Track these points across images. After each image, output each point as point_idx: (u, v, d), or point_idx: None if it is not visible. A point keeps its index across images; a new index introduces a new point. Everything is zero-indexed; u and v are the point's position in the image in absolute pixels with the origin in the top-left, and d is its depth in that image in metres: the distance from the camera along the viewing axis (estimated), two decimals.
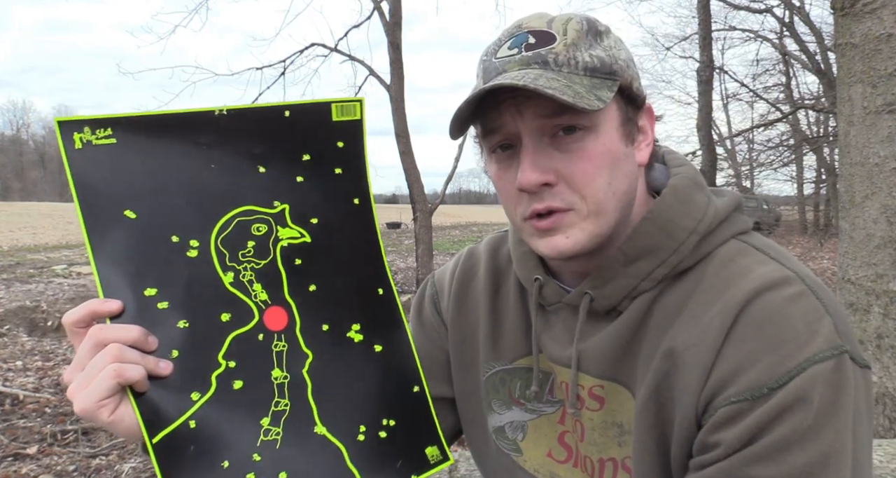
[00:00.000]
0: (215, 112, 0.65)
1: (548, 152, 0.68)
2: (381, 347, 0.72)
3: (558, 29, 0.69)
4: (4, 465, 3.31)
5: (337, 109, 0.70)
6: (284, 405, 0.65)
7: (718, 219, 0.72)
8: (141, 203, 0.62)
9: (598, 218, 0.69)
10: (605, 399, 0.74)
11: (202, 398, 0.61)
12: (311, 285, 0.69)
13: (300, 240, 0.68)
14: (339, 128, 0.70)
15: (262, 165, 0.67)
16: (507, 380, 0.84)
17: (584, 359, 0.74)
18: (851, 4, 2.36)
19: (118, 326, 0.61)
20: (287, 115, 0.67)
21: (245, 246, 0.66)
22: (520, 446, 0.83)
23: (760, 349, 0.62)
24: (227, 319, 0.64)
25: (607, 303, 0.73)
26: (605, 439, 0.74)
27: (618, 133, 0.70)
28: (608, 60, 0.68)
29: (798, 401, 0.59)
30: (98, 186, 0.61)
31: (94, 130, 0.60)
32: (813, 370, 0.60)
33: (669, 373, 0.67)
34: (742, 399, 0.61)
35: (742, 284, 0.65)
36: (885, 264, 2.37)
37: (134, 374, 0.59)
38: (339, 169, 0.70)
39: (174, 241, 0.63)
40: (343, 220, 0.71)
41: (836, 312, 0.64)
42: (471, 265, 0.91)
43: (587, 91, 0.66)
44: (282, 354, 0.66)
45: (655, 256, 0.70)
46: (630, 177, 0.71)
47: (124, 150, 0.61)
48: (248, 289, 0.66)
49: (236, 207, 0.66)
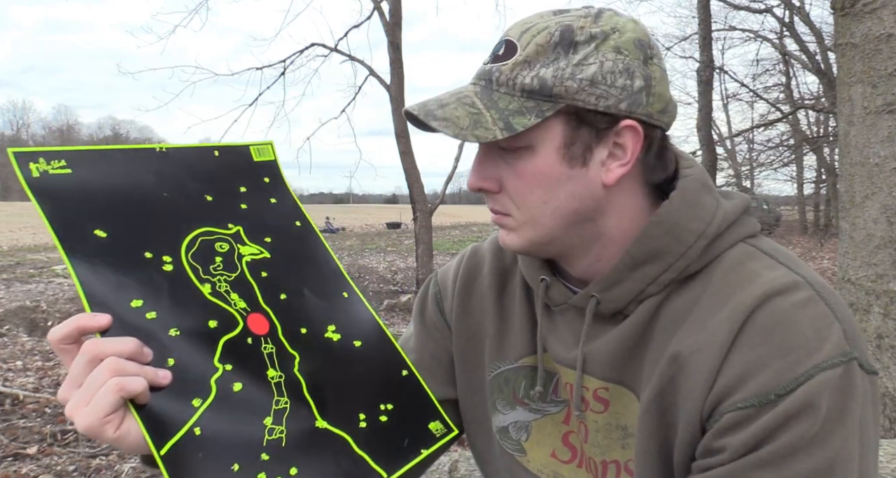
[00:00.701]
0: (157, 149, 0.70)
1: (495, 161, 0.72)
2: (361, 343, 0.76)
3: (524, 41, 0.68)
4: (4, 465, 3.31)
5: (255, 151, 0.77)
6: (285, 403, 0.66)
7: (727, 222, 0.71)
8: (108, 223, 0.64)
9: (532, 228, 0.72)
10: (610, 401, 0.73)
11: (204, 404, 0.61)
12: (282, 295, 0.72)
13: (261, 256, 0.73)
14: (261, 167, 0.78)
15: (208, 195, 0.72)
16: (512, 379, 0.84)
17: (590, 361, 0.74)
18: (851, 4, 2.36)
19: (113, 339, 0.59)
20: (217, 154, 0.74)
21: (214, 261, 0.69)
22: (523, 446, 0.83)
23: (768, 355, 0.61)
24: (215, 326, 0.65)
25: (614, 306, 0.72)
26: (608, 441, 0.74)
27: (557, 155, 0.68)
28: (550, 83, 0.66)
29: (805, 408, 0.59)
30: (64, 209, 0.62)
31: (49, 160, 0.62)
32: (821, 377, 0.59)
33: (675, 377, 0.67)
34: (749, 405, 0.61)
35: (750, 289, 0.65)
36: (885, 264, 2.36)
37: (136, 386, 0.58)
38: (274, 199, 0.77)
39: (148, 257, 0.65)
40: (292, 239, 0.77)
41: (846, 319, 0.64)
42: (474, 264, 0.91)
43: (500, 118, 0.66)
44: (272, 355, 0.68)
45: (663, 260, 0.70)
46: (579, 198, 0.69)
47: (80, 179, 0.63)
48: (227, 298, 0.67)
49: (196, 227, 0.69)
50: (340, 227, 32.11)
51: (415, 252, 10.44)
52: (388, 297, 10.43)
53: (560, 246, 0.73)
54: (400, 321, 8.66)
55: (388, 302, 9.95)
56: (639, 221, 0.73)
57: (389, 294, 10.75)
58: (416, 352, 0.91)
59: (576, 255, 0.75)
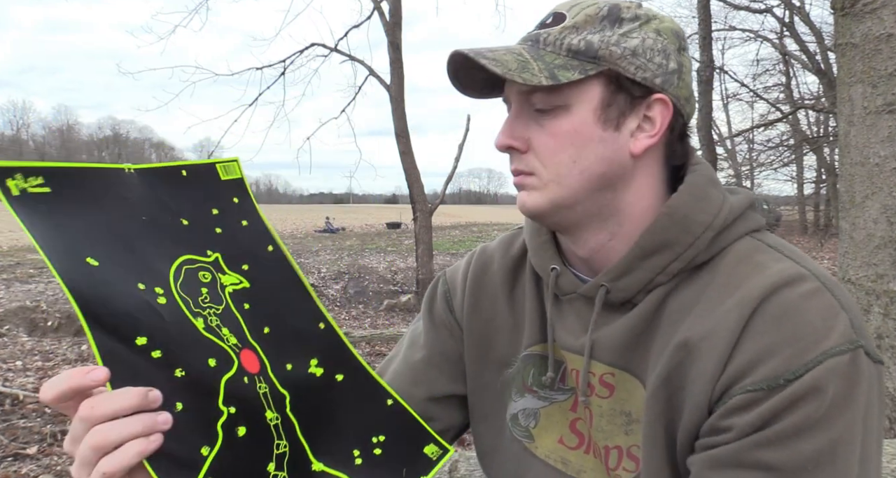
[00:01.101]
0: (125, 169, 0.66)
1: (525, 121, 0.74)
2: (343, 376, 0.73)
3: (573, 12, 0.72)
4: (4, 465, 3.31)
5: (221, 169, 0.74)
6: (284, 447, 0.65)
7: (733, 215, 0.73)
8: (97, 250, 0.59)
9: (557, 187, 0.72)
10: (616, 387, 0.75)
11: (212, 452, 0.58)
12: (265, 328, 0.69)
13: (241, 285, 0.69)
14: (230, 186, 0.73)
15: (184, 218, 0.67)
16: (521, 368, 0.85)
17: (597, 347, 0.75)
18: (851, 4, 2.36)
19: (112, 396, 0.53)
20: (184, 173, 0.70)
21: (200, 293, 0.65)
22: (532, 432, 0.84)
23: (778, 343, 0.63)
24: (215, 365, 0.61)
25: (623, 295, 0.74)
26: (612, 426, 0.75)
27: (593, 116, 0.71)
28: (596, 45, 0.70)
29: (812, 391, 0.60)
30: (52, 234, 0.57)
31: (27, 177, 0.58)
32: (829, 363, 0.61)
33: (683, 362, 0.68)
34: (758, 388, 0.62)
35: (758, 279, 0.67)
36: (885, 264, 2.36)
37: (148, 448, 0.53)
38: (245, 222, 0.73)
39: (141, 288, 0.60)
40: (266, 265, 0.73)
41: (851, 309, 0.66)
42: (484, 262, 0.92)
43: (544, 68, 0.69)
44: (267, 395, 0.65)
45: (671, 250, 0.72)
46: (607, 161, 0.72)
47: (60, 199, 0.59)
48: (220, 333, 0.64)
49: (179, 255, 0.65)
50: (340, 227, 32.07)
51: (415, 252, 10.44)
52: (388, 297, 10.43)
53: (578, 213, 0.74)
54: (400, 321, 8.66)
55: (388, 302, 9.96)
56: (653, 204, 0.75)
57: (389, 294, 10.75)
58: (426, 349, 0.92)
59: (590, 228, 0.75)
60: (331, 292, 10.77)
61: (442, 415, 0.90)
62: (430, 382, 0.90)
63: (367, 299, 10.44)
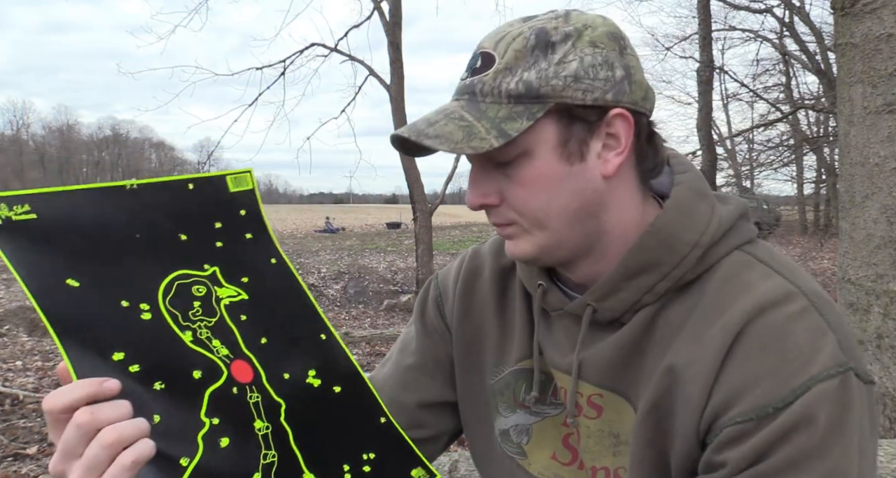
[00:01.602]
0: (126, 187, 0.66)
1: (491, 175, 0.71)
2: (340, 388, 0.73)
3: (501, 50, 0.68)
4: (4, 465, 3.31)
5: (232, 181, 0.73)
6: (272, 457, 0.64)
7: (722, 230, 0.71)
8: (79, 272, 0.60)
9: (541, 233, 0.71)
10: (604, 408, 0.74)
11: (192, 463, 0.59)
12: (262, 339, 0.69)
13: (239, 298, 0.69)
14: (238, 198, 0.73)
15: (184, 234, 0.68)
16: (512, 383, 0.84)
17: (585, 367, 0.74)
18: (851, 4, 2.36)
19: (109, 405, 0.55)
20: (191, 187, 0.70)
21: (192, 306, 0.66)
22: (524, 449, 0.83)
23: (764, 368, 0.61)
24: (199, 377, 0.63)
25: (610, 315, 0.73)
26: (599, 447, 0.75)
27: (555, 155, 0.68)
28: (536, 84, 0.66)
29: (804, 420, 0.59)
30: (33, 261, 0.59)
31: (11, 206, 0.59)
32: (818, 389, 0.60)
33: (670, 388, 0.67)
34: (747, 420, 0.61)
35: (744, 301, 0.65)
36: (885, 264, 2.36)
37: (147, 452, 0.54)
38: (249, 234, 0.73)
39: (124, 305, 0.61)
40: (269, 278, 0.73)
41: (840, 329, 0.64)
42: (475, 266, 0.91)
43: (491, 127, 0.66)
44: (258, 404, 0.66)
45: (657, 270, 0.70)
46: (582, 194, 0.69)
47: (46, 224, 0.60)
48: (209, 345, 0.65)
49: (172, 271, 0.66)
50: (340, 227, 32.09)
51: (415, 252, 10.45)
52: (388, 297, 10.44)
53: (567, 250, 0.72)
54: (400, 321, 8.66)
55: (388, 302, 9.96)
56: (635, 217, 0.73)
57: (389, 294, 10.75)
58: (417, 355, 0.91)
59: (581, 257, 0.74)
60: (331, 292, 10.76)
61: (433, 422, 0.89)
62: (421, 388, 0.89)
63: (367, 299, 10.44)
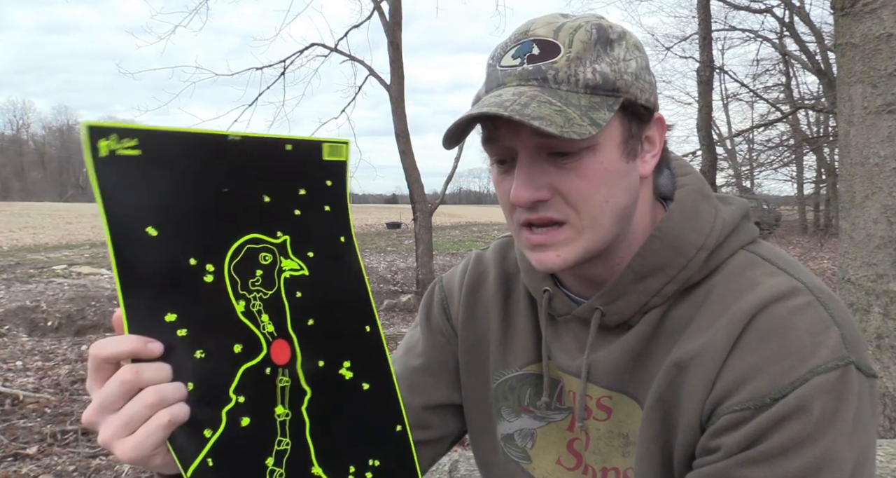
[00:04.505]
0: (228, 136, 0.65)
1: (543, 167, 0.68)
2: (369, 386, 0.72)
3: (564, 39, 0.67)
4: (4, 465, 3.31)
5: (327, 149, 0.72)
6: (286, 445, 0.64)
7: (726, 231, 0.72)
8: (163, 221, 0.60)
9: (592, 232, 0.69)
10: (613, 410, 0.74)
11: (214, 435, 0.59)
12: (310, 320, 0.68)
13: (300, 272, 0.68)
14: (328, 167, 0.72)
15: (268, 195, 0.67)
16: (517, 387, 0.84)
17: (594, 370, 0.74)
18: (851, 4, 2.36)
19: (153, 366, 0.55)
20: (289, 148, 0.69)
21: (254, 275, 0.64)
22: (529, 453, 0.83)
23: (765, 360, 0.62)
24: (240, 351, 0.62)
25: (618, 318, 0.73)
26: (609, 448, 0.75)
27: (618, 151, 0.68)
28: (612, 76, 0.66)
29: (798, 410, 0.60)
30: (123, 200, 0.58)
31: (121, 138, 0.58)
32: (815, 381, 0.61)
33: (675, 382, 0.68)
34: (744, 408, 0.62)
35: (749, 296, 0.66)
36: (885, 264, 2.36)
37: (182, 415, 0.56)
38: (328, 207, 0.72)
39: (192, 263, 0.60)
40: (333, 256, 0.72)
41: (845, 323, 0.64)
42: (479, 271, 0.91)
43: (582, 114, 0.64)
44: (285, 389, 0.65)
45: (665, 273, 0.70)
46: (630, 191, 0.70)
47: (147, 163, 0.59)
48: (258, 319, 0.64)
49: (246, 233, 0.65)
50: None
51: (415, 252, 10.44)
52: (388, 297, 10.43)
53: (601, 252, 0.71)
54: (400, 321, 8.65)
55: (388, 302, 9.95)
56: (647, 218, 0.74)
57: (389, 294, 10.75)
58: (423, 357, 0.91)
59: (598, 262, 0.73)
60: None
61: (438, 423, 0.89)
62: (426, 390, 0.89)
63: None
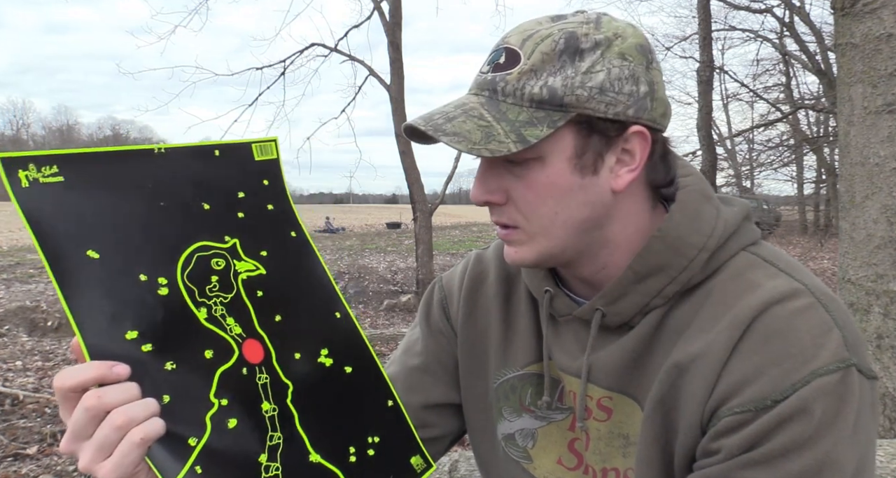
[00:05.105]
0: (154, 150, 0.65)
1: (499, 173, 0.70)
2: (351, 368, 0.73)
3: (528, 50, 0.67)
4: (4, 465, 3.31)
5: (257, 149, 0.73)
6: (278, 439, 0.64)
7: (728, 232, 0.71)
8: (100, 242, 0.59)
9: (546, 239, 0.70)
10: (613, 410, 0.74)
11: (200, 442, 0.59)
12: (276, 316, 0.68)
13: (257, 272, 0.69)
14: (262, 167, 0.73)
15: (206, 202, 0.67)
16: (518, 387, 0.84)
17: (594, 370, 0.74)
18: (851, 4, 2.36)
19: (116, 388, 0.55)
20: (217, 153, 0.69)
21: (209, 281, 0.65)
22: (530, 453, 0.83)
23: (766, 362, 0.62)
24: (211, 356, 0.62)
25: (619, 319, 0.73)
26: (609, 449, 0.75)
27: (569, 165, 0.67)
28: (561, 92, 0.65)
29: (799, 412, 0.60)
30: (54, 227, 0.57)
31: (40, 167, 0.57)
32: (817, 383, 0.60)
33: (675, 384, 0.67)
34: (745, 410, 0.62)
35: (750, 298, 0.65)
36: (885, 264, 2.36)
37: (155, 430, 0.55)
38: (271, 205, 0.73)
39: (143, 279, 0.60)
40: (287, 251, 0.72)
41: (846, 325, 0.64)
42: (480, 271, 0.91)
43: (511, 130, 0.65)
44: (266, 386, 0.65)
45: (665, 274, 0.70)
46: (589, 205, 0.69)
47: (72, 188, 0.59)
48: (223, 323, 0.64)
49: (192, 242, 0.65)
50: (340, 227, 32.06)
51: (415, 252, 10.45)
52: (388, 297, 10.43)
53: (568, 255, 0.73)
54: (400, 321, 8.65)
55: (388, 302, 9.95)
56: (642, 226, 0.73)
57: (389, 294, 10.74)
58: (422, 356, 0.91)
59: (583, 262, 0.74)
60: None
61: (438, 422, 0.89)
62: (426, 389, 0.89)
63: (367, 299, 10.44)
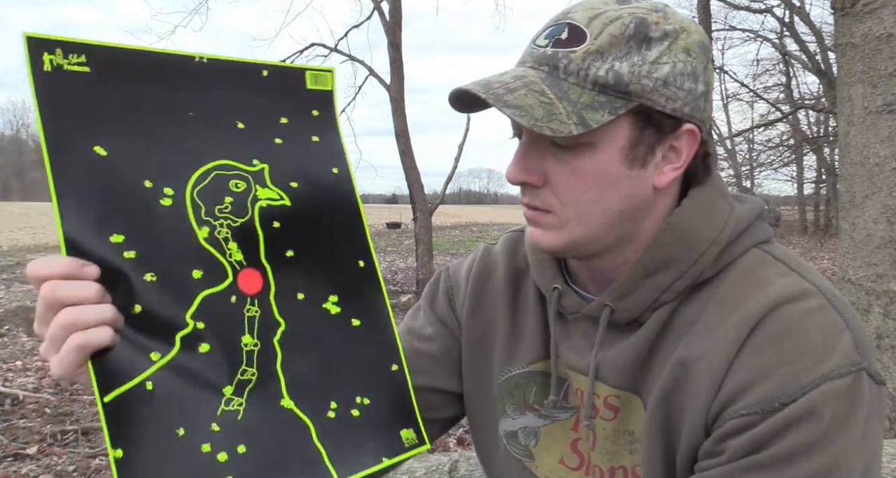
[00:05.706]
0: (196, 58, 0.62)
1: (542, 154, 0.67)
2: (360, 322, 0.68)
3: (594, 29, 0.64)
4: (4, 465, 3.31)
5: (311, 78, 0.69)
6: (251, 375, 0.61)
7: (740, 228, 0.70)
8: (113, 140, 0.56)
9: (578, 227, 0.68)
10: (620, 409, 0.73)
11: (163, 359, 0.56)
12: (289, 251, 0.65)
13: (279, 202, 0.65)
14: (313, 97, 0.69)
15: (241, 121, 0.64)
16: (523, 385, 0.83)
17: (602, 368, 0.73)
18: (851, 4, 2.36)
19: (71, 284, 0.53)
20: (265, 74, 0.66)
21: (222, 201, 0.61)
22: (532, 451, 0.82)
23: (775, 363, 0.61)
24: (199, 277, 0.59)
25: (628, 315, 0.71)
26: (616, 447, 0.74)
27: (620, 155, 0.65)
28: (627, 78, 0.63)
29: (808, 415, 0.59)
30: (66, 116, 0.55)
31: (67, 53, 0.54)
32: (827, 387, 0.59)
33: (679, 381, 0.66)
34: (752, 412, 0.60)
35: (760, 296, 0.64)
36: (885, 264, 2.36)
37: (99, 340, 0.53)
38: (317, 137, 0.69)
39: (147, 186, 0.57)
40: (323, 187, 0.68)
41: (857, 328, 0.63)
42: (487, 264, 0.89)
43: (572, 111, 0.62)
44: (254, 319, 0.61)
45: (675, 268, 0.69)
46: (630, 198, 0.68)
47: (98, 81, 0.56)
48: (224, 247, 0.61)
49: (214, 159, 0.61)
50: None
51: (415, 252, 10.44)
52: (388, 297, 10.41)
53: (596, 247, 0.70)
54: (400, 321, 8.63)
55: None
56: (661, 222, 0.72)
57: (390, 294, 10.58)
58: (429, 342, 0.89)
59: (606, 256, 0.72)
60: None
61: (439, 405, 0.87)
62: (429, 373, 0.87)
63: None
